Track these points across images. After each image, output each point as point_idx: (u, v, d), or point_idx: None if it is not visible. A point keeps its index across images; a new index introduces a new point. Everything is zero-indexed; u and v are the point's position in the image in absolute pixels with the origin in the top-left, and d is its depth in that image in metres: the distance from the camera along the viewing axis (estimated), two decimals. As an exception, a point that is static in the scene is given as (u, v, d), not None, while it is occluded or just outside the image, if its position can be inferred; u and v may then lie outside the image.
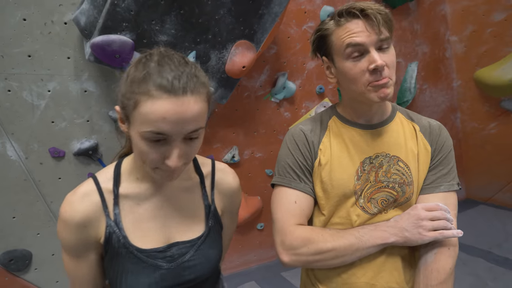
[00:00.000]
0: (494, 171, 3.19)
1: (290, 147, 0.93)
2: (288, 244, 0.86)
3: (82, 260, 0.73)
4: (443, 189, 0.88)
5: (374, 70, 0.80)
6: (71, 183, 1.90)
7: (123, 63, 1.63)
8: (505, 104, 2.94)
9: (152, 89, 0.60)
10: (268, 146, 2.49)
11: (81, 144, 1.88)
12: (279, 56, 2.40)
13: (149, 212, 0.75)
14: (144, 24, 1.59)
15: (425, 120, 0.96)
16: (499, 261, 2.38)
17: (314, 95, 2.59)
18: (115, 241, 0.71)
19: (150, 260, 0.72)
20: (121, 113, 0.69)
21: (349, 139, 0.91)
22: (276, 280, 2.41)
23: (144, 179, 0.76)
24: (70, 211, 0.69)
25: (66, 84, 1.80)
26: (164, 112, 0.60)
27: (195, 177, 0.83)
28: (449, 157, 0.91)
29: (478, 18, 2.95)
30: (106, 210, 0.72)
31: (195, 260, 0.76)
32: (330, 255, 0.83)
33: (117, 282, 0.72)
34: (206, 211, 0.81)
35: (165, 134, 0.62)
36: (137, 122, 0.63)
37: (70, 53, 1.78)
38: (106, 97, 1.90)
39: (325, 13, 2.47)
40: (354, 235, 0.84)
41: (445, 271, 0.81)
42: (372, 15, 0.79)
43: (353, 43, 0.80)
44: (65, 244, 0.73)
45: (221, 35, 1.82)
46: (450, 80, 3.25)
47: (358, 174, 0.88)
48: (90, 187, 0.72)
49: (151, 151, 0.64)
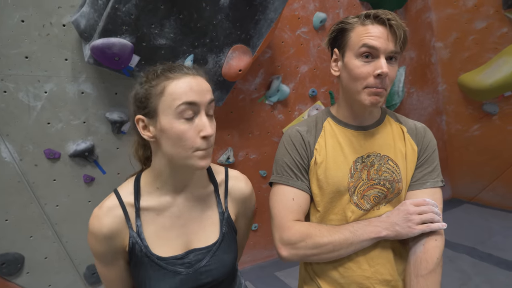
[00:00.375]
0: (478, 171, 3.32)
1: (287, 147, 0.98)
2: (286, 239, 0.90)
3: (112, 267, 0.81)
4: (429, 185, 0.94)
5: (378, 76, 0.85)
6: (66, 185, 1.90)
7: (122, 65, 1.64)
8: (487, 107, 3.08)
9: (170, 75, 0.74)
10: (262, 147, 2.54)
11: (77, 145, 1.87)
12: (273, 60, 2.46)
13: (168, 222, 0.81)
14: (143, 28, 1.62)
15: (411, 122, 1.03)
16: (483, 257, 2.49)
17: (307, 98, 2.65)
18: (138, 251, 0.78)
19: (170, 267, 0.78)
20: (143, 119, 0.76)
21: (343, 139, 0.96)
22: (270, 279, 2.44)
23: (163, 188, 0.82)
24: (97, 225, 0.76)
25: (63, 85, 1.80)
26: (189, 85, 0.73)
27: (209, 186, 0.89)
28: (434, 156, 0.97)
29: (461, 26, 3.09)
30: (129, 222, 0.78)
31: (211, 265, 0.81)
32: (327, 248, 0.88)
33: (142, 286, 0.79)
34: (221, 218, 0.87)
35: (194, 102, 0.72)
36: (168, 104, 0.72)
37: (68, 55, 1.78)
38: (103, 98, 1.90)
39: (317, 19, 2.55)
40: (349, 230, 0.89)
41: (433, 261, 0.87)
42: (395, 27, 0.84)
43: (369, 44, 0.85)
44: (96, 253, 0.80)
45: (218, 40, 1.86)
46: (435, 84, 3.38)
47: (352, 172, 0.93)
48: (114, 202, 0.79)
49: (186, 129, 0.72)
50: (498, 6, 2.79)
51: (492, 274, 2.26)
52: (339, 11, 2.70)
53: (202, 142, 0.73)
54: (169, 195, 0.82)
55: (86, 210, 1.96)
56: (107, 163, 1.98)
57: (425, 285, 0.86)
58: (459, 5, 3.05)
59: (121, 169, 2.02)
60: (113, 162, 2.00)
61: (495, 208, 3.28)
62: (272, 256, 2.73)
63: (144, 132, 0.76)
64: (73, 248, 1.96)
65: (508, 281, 2.17)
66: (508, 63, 2.77)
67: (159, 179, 0.81)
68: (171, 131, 0.72)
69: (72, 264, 1.97)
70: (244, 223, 1.00)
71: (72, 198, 1.92)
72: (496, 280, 2.19)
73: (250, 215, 1.01)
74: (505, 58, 2.80)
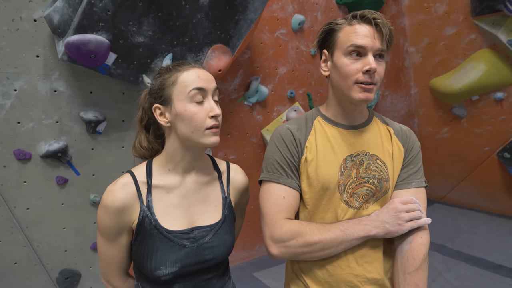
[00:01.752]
0: (447, 172, 3.47)
1: (278, 145, 0.98)
2: (277, 237, 0.90)
3: (114, 244, 0.88)
4: (414, 185, 0.97)
5: (367, 71, 0.88)
6: (38, 187, 1.82)
7: (98, 63, 1.59)
8: (456, 111, 3.22)
9: (180, 68, 0.86)
10: (241, 148, 2.54)
11: (49, 146, 1.80)
12: (252, 61, 2.46)
13: (176, 200, 0.90)
14: (121, 25, 1.58)
15: (397, 124, 1.07)
16: (452, 254, 2.60)
17: (285, 99, 2.67)
18: (147, 224, 0.85)
19: (177, 240, 0.86)
20: (160, 107, 0.87)
21: (333, 138, 0.98)
22: (249, 280, 2.45)
23: (174, 169, 0.91)
24: (111, 198, 0.84)
25: (34, 83, 1.73)
26: (197, 74, 0.85)
27: (214, 173, 0.98)
28: (418, 157, 1.01)
29: (433, 32, 3.22)
30: (141, 197, 0.86)
31: (213, 242, 0.89)
32: (317, 247, 0.89)
33: (147, 259, 0.85)
34: (223, 202, 0.96)
35: (203, 88, 0.84)
36: (181, 91, 0.84)
37: (40, 51, 1.71)
38: (77, 97, 1.84)
39: (296, 21, 2.58)
40: (339, 229, 0.90)
41: (419, 258, 0.89)
42: (381, 25, 0.88)
43: (357, 43, 0.88)
44: (103, 228, 0.86)
45: (198, 39, 1.85)
46: (408, 87, 3.50)
47: (341, 170, 0.95)
48: (128, 179, 0.87)
49: (198, 110, 0.83)
50: (467, 13, 2.93)
51: (461, 270, 2.37)
52: (317, 14, 2.74)
53: (211, 120, 0.84)
54: (178, 176, 0.91)
55: (59, 213, 1.90)
56: (82, 164, 1.92)
57: (412, 282, 0.88)
58: (431, 12, 3.18)
59: (96, 170, 1.96)
60: (87, 163, 1.93)
61: (463, 207, 3.43)
62: (251, 257, 2.73)
63: (161, 118, 0.88)
64: (45, 253, 1.89)
65: (476, 276, 2.27)
66: (476, 69, 2.91)
67: (171, 161, 0.90)
68: (184, 113, 0.83)
69: (44, 269, 1.90)
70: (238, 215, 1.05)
71: (44, 201, 1.85)
72: (465, 276, 2.29)
73: (244, 210, 1.08)
74: (473, 63, 2.94)
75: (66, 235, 1.93)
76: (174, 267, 0.84)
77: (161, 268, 0.83)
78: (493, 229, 2.94)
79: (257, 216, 2.71)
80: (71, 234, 1.94)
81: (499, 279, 2.21)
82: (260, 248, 2.78)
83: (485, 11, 2.74)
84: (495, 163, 3.11)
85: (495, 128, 3.06)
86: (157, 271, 0.83)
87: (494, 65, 2.85)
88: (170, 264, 0.84)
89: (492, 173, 3.15)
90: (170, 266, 0.84)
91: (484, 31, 2.85)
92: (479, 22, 2.84)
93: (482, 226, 3.01)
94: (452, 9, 3.02)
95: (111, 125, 1.97)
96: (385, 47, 0.89)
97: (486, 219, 3.15)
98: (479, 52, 2.94)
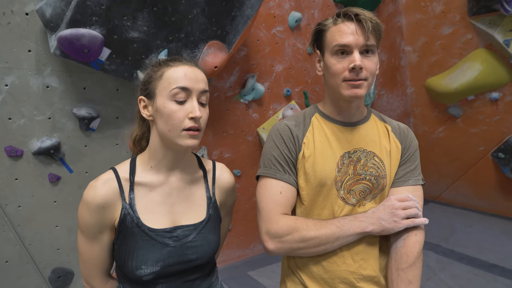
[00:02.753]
0: (442, 171, 3.48)
1: (275, 141, 0.98)
2: (273, 233, 0.90)
3: (95, 242, 0.85)
4: (411, 183, 0.97)
5: (352, 69, 0.88)
6: (30, 185, 1.79)
7: (91, 58, 1.56)
8: (451, 110, 3.23)
9: (171, 63, 0.84)
10: (236, 146, 2.52)
11: (41, 142, 1.77)
12: (248, 58, 2.44)
13: (159, 198, 0.87)
14: (115, 19, 1.55)
15: (395, 122, 1.07)
16: (446, 253, 2.61)
17: (281, 98, 2.66)
18: (129, 222, 0.83)
19: (159, 238, 0.83)
20: (144, 99, 0.86)
21: (330, 134, 0.98)
22: (244, 279, 2.44)
23: (157, 166, 0.88)
24: (92, 194, 0.82)
25: (26, 78, 1.69)
26: (184, 72, 0.82)
27: (199, 171, 0.96)
28: (416, 155, 1.02)
29: (429, 31, 3.22)
30: (123, 194, 0.84)
31: (197, 241, 0.87)
32: (313, 242, 0.88)
33: (129, 258, 0.83)
34: (208, 201, 0.93)
35: (187, 88, 0.81)
36: (164, 87, 0.82)
37: (32, 46, 1.68)
38: (70, 93, 1.81)
39: (293, 18, 2.56)
40: (336, 225, 0.90)
41: (413, 255, 0.89)
42: (363, 21, 0.88)
43: (340, 43, 0.89)
44: (84, 225, 0.84)
45: (194, 35, 1.82)
46: (404, 87, 3.50)
47: (339, 166, 0.95)
48: (110, 176, 0.85)
49: (177, 109, 0.80)
50: (464, 13, 2.93)
51: (455, 269, 2.38)
52: (314, 11, 2.73)
53: (189, 122, 0.80)
54: (162, 174, 0.88)
55: (51, 211, 1.87)
56: (75, 161, 1.89)
57: (405, 278, 0.88)
58: (428, 11, 3.18)
59: (89, 167, 1.93)
60: (81, 161, 1.90)
61: (457, 206, 3.45)
62: (245, 256, 2.72)
63: (144, 111, 0.87)
64: (37, 251, 1.86)
65: (470, 276, 2.28)
66: (472, 68, 2.92)
67: (153, 158, 0.88)
68: (163, 110, 0.81)
69: (36, 267, 1.86)
70: (225, 215, 1.03)
71: (36, 198, 1.82)
72: (459, 275, 2.30)
73: (230, 210, 1.06)
74: (469, 63, 2.95)
75: (58, 233, 1.90)
76: (155, 267, 0.82)
77: (142, 268, 0.81)
78: (487, 229, 2.96)
79: (252, 214, 2.71)
80: (64, 232, 1.91)
81: (493, 278, 2.23)
82: (255, 247, 2.77)
83: (482, 11, 2.75)
84: (490, 163, 3.12)
85: (490, 128, 3.07)
86: (138, 271, 0.81)
87: (490, 65, 2.86)
88: (152, 263, 0.82)
89: (486, 173, 3.16)
90: (151, 266, 0.82)
91: (480, 30, 2.85)
92: (475, 21, 2.85)
93: (476, 225, 3.03)
94: (449, 8, 3.03)
95: (105, 122, 1.94)
96: (372, 42, 0.89)
97: (480, 218, 3.17)
98: (475, 52, 2.95)
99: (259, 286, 2.34)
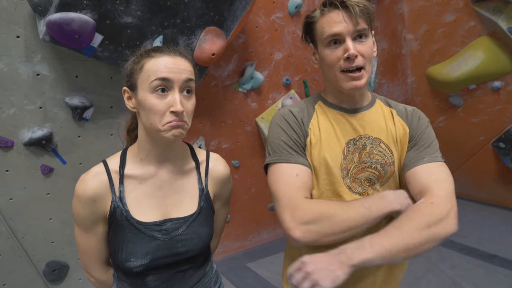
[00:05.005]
0: (442, 161, 3.45)
1: (282, 126, 0.94)
2: (300, 219, 0.82)
3: (90, 234, 0.86)
4: (427, 160, 0.89)
5: (347, 58, 0.85)
6: (21, 176, 1.74)
7: (83, 44, 1.49)
8: (452, 100, 3.19)
9: (152, 54, 0.81)
10: (235, 136, 2.47)
11: (32, 133, 1.71)
12: (247, 45, 2.37)
13: (149, 191, 0.86)
14: (107, 3, 1.47)
15: (401, 105, 1.02)
16: (446, 244, 2.60)
17: (280, 86, 2.60)
18: (118, 215, 0.83)
19: (148, 232, 0.83)
20: (128, 90, 0.84)
21: (334, 121, 0.94)
22: (242, 270, 2.42)
23: (146, 159, 0.87)
24: (83, 187, 0.82)
25: (15, 65, 1.62)
26: (164, 63, 0.79)
27: (191, 163, 0.93)
28: (428, 132, 0.94)
29: (432, 18, 3.15)
30: (113, 187, 0.83)
31: (187, 234, 0.87)
32: (343, 227, 0.82)
33: (118, 250, 0.83)
34: (200, 193, 0.92)
35: (167, 79, 0.77)
36: (144, 79, 0.79)
37: (20, 32, 1.60)
38: (62, 82, 1.74)
39: (293, 4, 2.48)
40: (364, 206, 0.84)
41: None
42: (350, 7, 0.83)
43: (330, 33, 0.86)
44: (78, 217, 0.85)
45: (190, 20, 1.75)
46: (405, 76, 3.45)
47: (344, 154, 0.92)
48: (100, 169, 0.85)
49: (158, 103, 0.78)
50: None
51: (455, 260, 2.37)
52: (315, -3, 2.65)
53: (170, 116, 0.78)
54: (152, 166, 0.87)
55: (44, 203, 1.82)
56: (68, 152, 1.83)
57: None
58: (430, -3, 3.11)
59: (83, 158, 1.88)
60: (74, 151, 1.85)
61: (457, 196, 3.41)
62: (244, 247, 2.70)
63: (128, 102, 0.85)
64: (30, 244, 1.82)
65: (469, 266, 2.28)
66: (474, 57, 2.86)
67: (142, 150, 0.87)
68: (144, 103, 0.79)
69: (29, 261, 1.82)
70: (221, 206, 1.02)
71: (28, 190, 1.77)
72: (459, 266, 2.29)
73: (227, 200, 1.04)
74: (472, 51, 2.89)
75: (52, 226, 1.86)
76: (144, 259, 0.82)
77: (131, 260, 0.82)
78: (487, 219, 2.95)
79: (250, 206, 2.67)
80: (58, 225, 1.87)
81: (492, 269, 2.22)
82: (253, 238, 2.74)
83: (486, -3, 2.68)
84: (490, 153, 3.10)
85: (491, 117, 3.03)
86: (127, 263, 0.82)
87: (493, 53, 2.81)
88: (141, 256, 0.82)
89: (487, 163, 3.15)
90: (140, 258, 0.82)
91: (484, 18, 2.79)
92: (479, 8, 2.78)
93: (475, 215, 3.03)
94: (452, -6, 2.95)
95: (99, 111, 1.87)
96: (362, 26, 0.85)
97: (479, 208, 3.16)
98: (478, 40, 2.89)
99: (258, 277, 2.32)
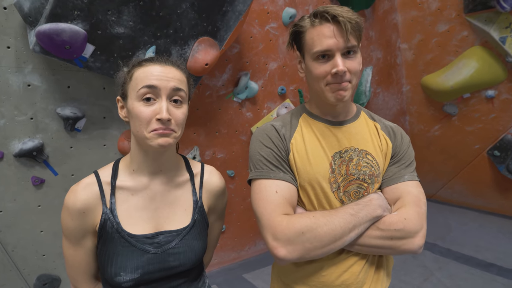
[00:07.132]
0: (437, 169, 3.45)
1: (262, 141, 0.92)
2: (282, 236, 0.79)
3: (79, 247, 0.83)
4: (407, 178, 0.91)
5: (335, 74, 0.83)
6: (11, 188, 1.71)
7: (74, 55, 1.48)
8: (447, 108, 3.20)
9: (144, 63, 0.82)
10: (230, 146, 2.45)
11: (23, 144, 1.68)
12: (241, 55, 2.37)
13: (141, 203, 0.84)
14: (98, 14, 1.47)
15: (384, 120, 1.03)
16: (443, 252, 2.58)
17: (276, 96, 2.59)
18: (109, 227, 0.80)
19: (139, 245, 0.81)
20: (121, 100, 0.85)
21: (319, 133, 0.93)
22: (238, 282, 2.37)
23: (138, 170, 0.85)
24: (73, 199, 0.80)
25: (5, 76, 1.60)
26: (152, 71, 0.79)
27: (185, 174, 0.92)
28: (410, 151, 0.97)
29: (425, 28, 3.17)
30: (103, 199, 0.81)
31: (180, 248, 0.84)
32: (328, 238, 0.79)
33: (108, 264, 0.80)
34: (194, 206, 0.89)
35: (154, 86, 0.77)
36: (133, 88, 0.79)
37: (11, 42, 1.59)
38: (53, 92, 1.72)
39: (287, 14, 2.49)
40: (349, 212, 0.82)
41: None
42: (342, 23, 0.81)
43: (321, 48, 0.84)
44: (66, 230, 0.82)
45: (183, 31, 1.74)
46: (400, 85, 3.46)
47: (332, 167, 0.90)
48: (91, 180, 0.83)
49: (145, 110, 0.77)
50: (459, 10, 2.89)
51: (452, 269, 2.35)
52: (309, 7, 2.66)
53: (156, 123, 0.77)
54: (144, 177, 0.86)
55: (35, 215, 1.78)
56: (60, 163, 1.80)
57: None
58: (424, 8, 3.14)
59: (75, 170, 1.85)
60: (66, 163, 1.82)
61: (453, 205, 3.43)
62: (240, 258, 2.66)
63: (121, 112, 0.85)
64: (21, 258, 1.77)
65: (467, 275, 2.25)
66: (468, 66, 2.88)
67: (134, 161, 0.85)
68: (132, 111, 0.79)
69: (20, 274, 1.78)
70: (216, 219, 1.00)
71: (19, 203, 1.73)
72: (456, 275, 2.26)
73: (221, 213, 1.02)
74: (465, 61, 2.91)
75: (43, 238, 1.82)
76: (135, 274, 0.79)
77: (121, 274, 0.79)
78: (483, 227, 2.94)
79: (246, 216, 2.64)
80: (49, 237, 1.83)
81: (490, 278, 2.20)
82: (250, 249, 2.70)
83: (478, 8, 2.71)
84: (485, 161, 3.10)
85: (485, 126, 3.04)
86: (117, 277, 0.79)
87: (486, 63, 2.83)
88: (131, 270, 0.79)
89: (482, 171, 3.14)
90: (130, 273, 0.79)
91: (476, 28, 2.81)
92: (471, 18, 2.81)
93: (472, 223, 3.02)
94: (445, 5, 2.98)
95: (91, 122, 1.85)
96: (353, 43, 0.84)
97: (475, 216, 3.15)
98: (471, 50, 2.91)
99: (254, 289, 2.28)
